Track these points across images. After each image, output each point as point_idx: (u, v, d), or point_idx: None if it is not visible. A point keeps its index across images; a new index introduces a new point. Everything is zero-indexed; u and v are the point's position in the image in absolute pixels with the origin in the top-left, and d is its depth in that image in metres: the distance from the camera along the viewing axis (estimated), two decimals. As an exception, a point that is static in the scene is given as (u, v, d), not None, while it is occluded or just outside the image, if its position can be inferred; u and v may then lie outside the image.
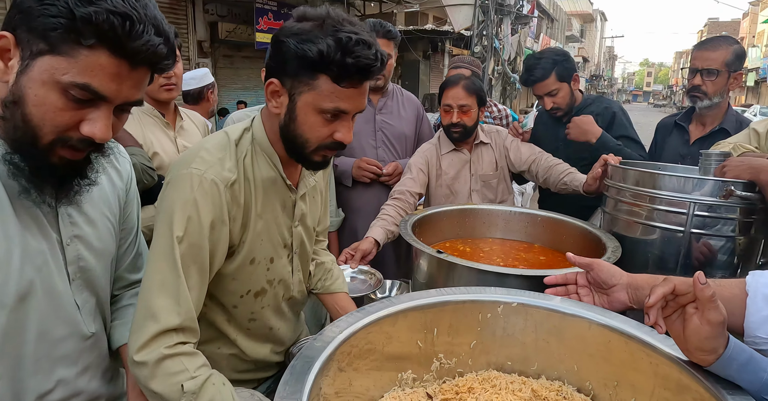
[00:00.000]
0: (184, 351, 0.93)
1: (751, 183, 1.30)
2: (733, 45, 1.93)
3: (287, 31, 0.98)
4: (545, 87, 2.17)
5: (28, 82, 0.71)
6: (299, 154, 1.06)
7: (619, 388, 0.88)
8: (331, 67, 0.94)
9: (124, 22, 0.70)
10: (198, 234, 0.97)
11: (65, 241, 0.88)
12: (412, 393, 0.93)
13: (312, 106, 0.99)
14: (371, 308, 0.89)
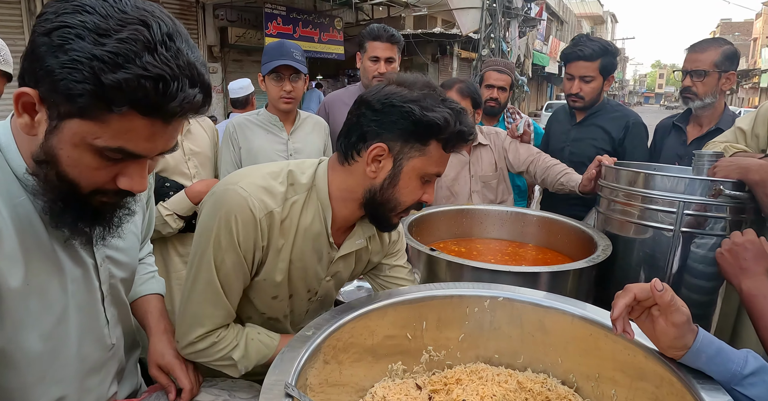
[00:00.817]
0: (224, 335, 1.03)
1: (740, 182, 1.33)
2: (723, 46, 1.95)
3: (403, 98, 0.96)
4: (584, 68, 2.13)
5: (59, 143, 0.69)
6: (383, 216, 1.05)
7: (600, 380, 0.92)
8: (447, 135, 0.97)
9: (156, 85, 0.64)
10: (234, 248, 0.97)
11: (99, 263, 0.89)
12: (402, 384, 0.97)
13: (419, 171, 1.00)
14: (366, 300, 0.93)
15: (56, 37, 0.63)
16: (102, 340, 0.95)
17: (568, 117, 2.36)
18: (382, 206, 1.03)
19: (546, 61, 22.44)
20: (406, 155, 0.99)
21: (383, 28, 2.33)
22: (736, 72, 2.03)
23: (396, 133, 0.97)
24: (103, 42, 0.63)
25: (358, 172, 1.03)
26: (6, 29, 6.31)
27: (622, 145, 2.20)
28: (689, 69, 2.00)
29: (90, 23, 0.63)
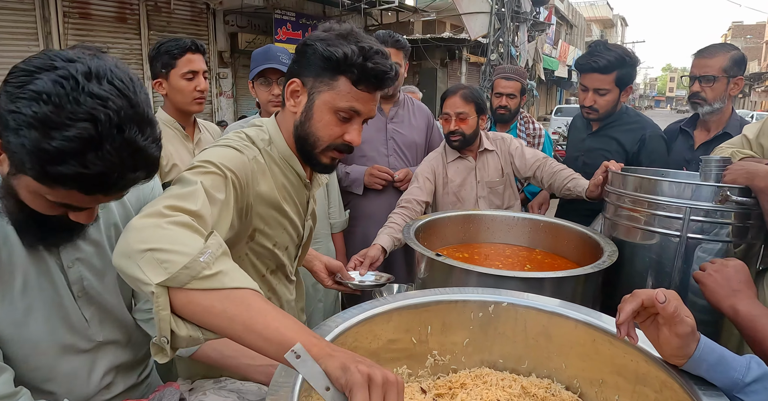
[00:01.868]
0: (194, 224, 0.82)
1: (747, 188, 1.32)
2: (730, 52, 1.95)
3: (315, 37, 1.09)
4: (599, 81, 2.04)
5: (17, 186, 0.79)
6: (309, 153, 1.14)
7: (603, 386, 0.92)
8: (352, 70, 1.04)
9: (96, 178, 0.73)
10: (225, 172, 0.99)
11: (67, 265, 0.96)
12: (407, 387, 0.98)
13: (329, 104, 1.08)
14: (366, 305, 0.95)
15: (11, 120, 0.70)
16: (86, 337, 1.01)
17: (585, 125, 2.31)
18: (305, 140, 1.12)
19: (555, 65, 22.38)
20: (317, 89, 1.09)
21: (389, 34, 2.36)
22: (743, 77, 2.02)
23: (309, 70, 1.09)
24: (52, 136, 0.68)
25: (288, 110, 1.15)
26: (20, 35, 6.43)
27: (637, 158, 2.10)
28: (698, 74, 1.99)
29: (41, 115, 0.68)
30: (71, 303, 0.98)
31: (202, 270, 0.71)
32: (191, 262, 0.71)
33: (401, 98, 2.53)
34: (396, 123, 2.49)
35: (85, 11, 7.04)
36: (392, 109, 2.50)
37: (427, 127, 2.60)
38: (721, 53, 1.97)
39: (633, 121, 2.19)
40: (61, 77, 0.70)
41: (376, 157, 2.44)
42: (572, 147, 2.35)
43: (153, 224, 0.76)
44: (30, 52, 6.47)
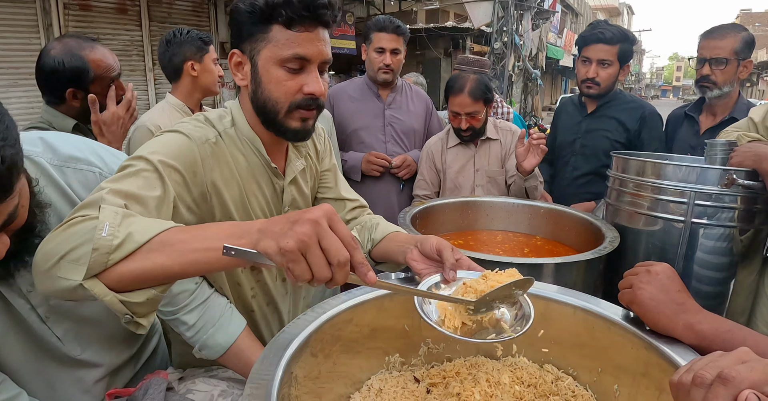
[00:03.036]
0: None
1: (753, 171, 1.28)
2: (741, 32, 1.89)
3: (237, 1, 0.99)
4: (603, 52, 2.07)
5: None
6: (274, 121, 1.03)
7: (603, 374, 0.89)
8: (279, 12, 0.94)
9: None
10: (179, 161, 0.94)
11: (26, 289, 0.90)
12: (400, 376, 0.95)
13: (272, 59, 0.98)
14: (357, 291, 0.91)
15: None
16: (62, 354, 0.99)
17: (578, 108, 2.31)
18: (264, 108, 1.02)
19: (560, 54, 22.13)
20: (255, 50, 0.99)
21: (389, 19, 2.31)
22: (752, 59, 1.96)
23: (241, 36, 0.99)
24: None
25: (242, 91, 1.06)
26: (21, 28, 6.40)
27: (638, 136, 2.14)
28: (708, 56, 1.93)
29: None
30: (39, 325, 0.94)
31: (111, 242, 0.69)
32: (96, 242, 0.68)
33: (399, 84, 2.49)
34: (394, 109, 2.45)
35: (85, 3, 6.99)
36: (390, 95, 2.46)
37: (426, 113, 2.56)
38: (731, 34, 1.90)
39: (630, 100, 2.22)
40: None
41: (374, 144, 2.41)
42: (566, 130, 2.31)
43: (49, 241, 0.73)
44: (31, 44, 6.45)
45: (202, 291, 1.08)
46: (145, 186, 0.86)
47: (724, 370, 0.50)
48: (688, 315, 0.77)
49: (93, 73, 1.51)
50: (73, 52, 1.49)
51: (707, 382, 0.51)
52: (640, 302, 0.81)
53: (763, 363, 0.51)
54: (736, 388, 0.48)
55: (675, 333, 0.77)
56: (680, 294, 0.80)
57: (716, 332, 0.74)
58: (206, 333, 1.06)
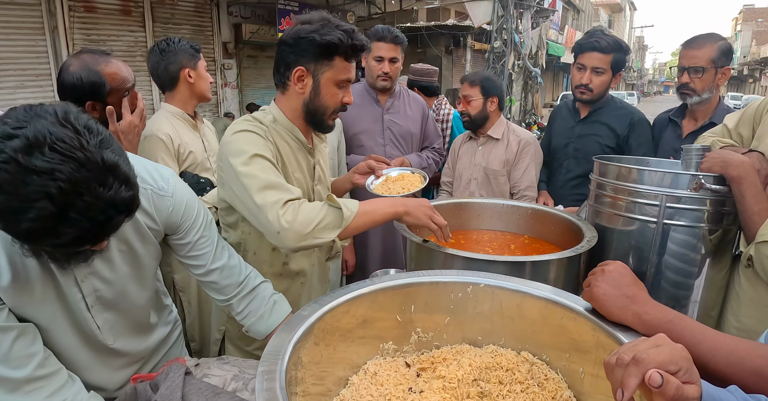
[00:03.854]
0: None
1: (722, 176, 1.39)
2: (718, 42, 1.99)
3: (306, 31, 1.37)
4: (597, 60, 2.19)
5: None
6: (319, 120, 1.47)
7: (570, 359, 1.00)
8: (345, 50, 1.38)
9: (75, 243, 0.82)
10: (265, 149, 1.35)
11: (81, 279, 1.06)
12: (393, 362, 1.07)
13: (332, 80, 1.41)
14: (353, 286, 1.03)
15: None
16: (98, 341, 1.13)
17: (572, 113, 2.42)
18: (315, 112, 1.45)
19: (562, 51, 22.17)
20: (320, 71, 1.40)
21: (387, 30, 2.42)
22: (730, 67, 2.07)
23: (308, 57, 1.38)
24: (18, 220, 0.72)
25: (292, 94, 1.45)
26: (27, 30, 6.52)
27: (627, 142, 2.26)
28: (686, 65, 2.05)
29: (2, 205, 0.72)
30: (84, 313, 1.09)
31: (349, 215, 1.28)
32: (345, 215, 1.28)
33: (397, 90, 2.60)
34: (392, 114, 2.57)
35: (90, 5, 7.11)
36: (388, 101, 2.57)
37: (422, 117, 2.67)
38: (708, 44, 2.01)
39: (620, 107, 2.34)
40: (3, 162, 0.71)
41: (373, 147, 2.52)
42: (560, 135, 2.44)
43: (296, 214, 1.25)
44: (37, 46, 6.58)
45: (248, 283, 1.34)
46: (268, 170, 1.32)
47: (637, 353, 0.61)
48: (637, 306, 0.88)
49: (109, 86, 1.61)
50: (89, 67, 1.59)
51: (625, 363, 0.62)
52: (596, 297, 0.92)
53: (671, 347, 0.63)
54: (645, 368, 0.60)
55: (627, 323, 0.88)
56: (630, 288, 0.91)
57: (660, 322, 0.84)
58: (250, 321, 1.32)
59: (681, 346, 0.64)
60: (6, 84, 6.36)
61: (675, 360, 0.61)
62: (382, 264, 2.50)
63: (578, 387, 0.98)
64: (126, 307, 1.18)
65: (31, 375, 0.96)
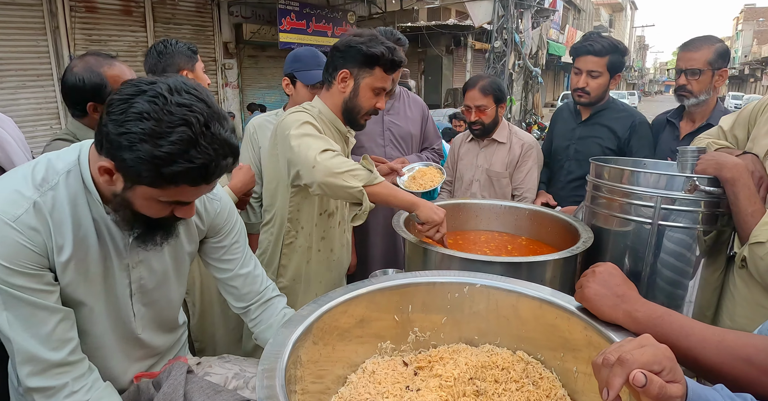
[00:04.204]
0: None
1: (716, 178, 1.40)
2: (715, 44, 2.01)
3: (356, 41, 1.64)
4: (592, 63, 2.21)
5: (132, 197, 0.95)
6: (354, 118, 1.73)
7: (564, 359, 1.03)
8: (386, 62, 1.64)
9: (201, 170, 0.89)
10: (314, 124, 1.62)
11: (131, 265, 1.12)
12: (391, 360, 1.09)
13: (370, 86, 1.67)
14: (352, 286, 1.05)
15: (125, 140, 0.86)
16: (129, 329, 1.17)
17: (573, 115, 2.43)
18: (353, 110, 1.70)
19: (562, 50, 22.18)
20: (361, 76, 1.67)
21: (390, 32, 2.44)
22: (727, 69, 2.08)
23: (353, 63, 1.65)
24: (160, 144, 0.85)
25: (335, 91, 1.71)
26: (28, 30, 6.54)
27: (628, 144, 2.26)
28: (684, 67, 2.06)
29: (148, 130, 0.85)
30: (126, 300, 1.14)
31: (375, 176, 1.47)
32: (373, 173, 1.47)
33: (397, 91, 2.62)
34: (392, 115, 2.58)
35: (91, 5, 7.13)
36: (388, 102, 2.58)
37: (422, 118, 2.69)
38: (705, 46, 2.03)
39: (622, 110, 2.34)
40: (152, 97, 0.86)
41: (373, 148, 2.54)
42: (561, 136, 2.45)
43: (332, 157, 1.46)
44: (39, 47, 6.59)
45: (266, 294, 1.38)
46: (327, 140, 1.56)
47: (622, 354, 0.64)
48: (627, 305, 0.89)
49: (111, 88, 1.62)
50: (92, 69, 1.61)
51: (611, 363, 0.64)
52: (587, 298, 0.94)
53: (654, 347, 0.65)
54: (629, 368, 0.62)
55: (618, 322, 0.90)
56: (620, 287, 0.93)
57: (649, 318, 0.86)
58: (259, 329, 1.36)
59: (665, 346, 0.67)
60: (7, 84, 6.38)
61: (658, 360, 0.63)
62: (383, 264, 2.52)
63: (572, 385, 1.00)
64: (161, 300, 1.22)
65: (64, 359, 1.00)
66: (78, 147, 1.04)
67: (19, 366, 0.97)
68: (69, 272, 1.01)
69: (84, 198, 1.01)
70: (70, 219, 1.00)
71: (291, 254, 1.83)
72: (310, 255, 1.84)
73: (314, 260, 1.85)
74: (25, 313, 0.96)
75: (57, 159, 1.02)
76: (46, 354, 0.97)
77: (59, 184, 0.99)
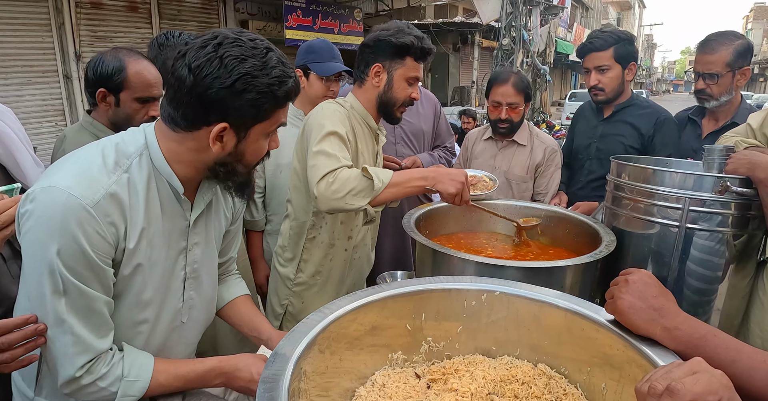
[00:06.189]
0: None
1: (747, 178, 1.32)
2: (734, 42, 1.91)
3: (384, 35, 1.64)
4: (597, 59, 2.14)
5: (246, 146, 1.02)
6: (390, 111, 1.71)
7: (591, 374, 0.95)
8: (415, 51, 1.64)
9: (294, 84, 1.01)
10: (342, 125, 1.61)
11: (189, 247, 1.12)
12: (402, 372, 1.01)
13: (403, 76, 1.66)
14: (362, 293, 0.98)
15: (240, 84, 0.93)
16: (177, 317, 1.14)
17: (595, 113, 2.33)
18: (389, 103, 1.70)
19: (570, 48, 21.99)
20: (393, 68, 1.66)
21: (406, 26, 2.36)
22: (750, 66, 1.98)
23: (384, 56, 1.65)
24: (268, 72, 0.95)
25: (369, 87, 1.71)
26: (34, 26, 6.51)
27: (652, 142, 2.15)
28: (701, 71, 1.96)
29: (254, 66, 0.94)
30: (179, 284, 1.12)
31: (380, 186, 1.43)
32: (375, 186, 1.42)
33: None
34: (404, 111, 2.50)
35: (96, 1, 7.09)
36: (398, 99, 2.51)
37: (434, 115, 2.61)
38: (723, 48, 1.92)
39: (646, 106, 2.23)
40: (231, 42, 0.94)
41: (384, 145, 2.46)
42: (582, 134, 2.35)
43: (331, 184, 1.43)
44: (44, 42, 6.56)
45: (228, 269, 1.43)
46: (344, 149, 1.55)
47: (672, 383, 0.56)
48: (666, 320, 0.81)
49: (127, 79, 1.56)
50: (118, 56, 1.56)
51: (658, 393, 0.56)
52: (621, 311, 0.86)
53: (708, 374, 0.57)
54: (681, 400, 0.54)
55: (655, 337, 0.82)
56: (657, 300, 0.84)
57: (691, 338, 0.78)
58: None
59: (720, 373, 0.59)
60: (12, 80, 6.35)
61: (714, 389, 0.56)
62: (392, 266, 2.44)
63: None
64: (207, 286, 1.21)
65: (109, 346, 1.00)
66: (141, 131, 1.04)
67: (72, 354, 0.95)
68: (137, 257, 1.00)
69: (154, 182, 1.02)
70: (143, 203, 1.00)
71: (313, 249, 1.80)
72: (334, 253, 1.82)
73: (337, 258, 1.82)
74: (81, 304, 0.94)
75: (124, 142, 1.02)
76: (97, 343, 0.97)
77: (132, 168, 0.99)
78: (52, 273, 0.89)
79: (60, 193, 0.89)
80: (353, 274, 1.93)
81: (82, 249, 0.90)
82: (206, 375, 1.08)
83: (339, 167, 1.47)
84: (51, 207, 0.88)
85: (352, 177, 1.45)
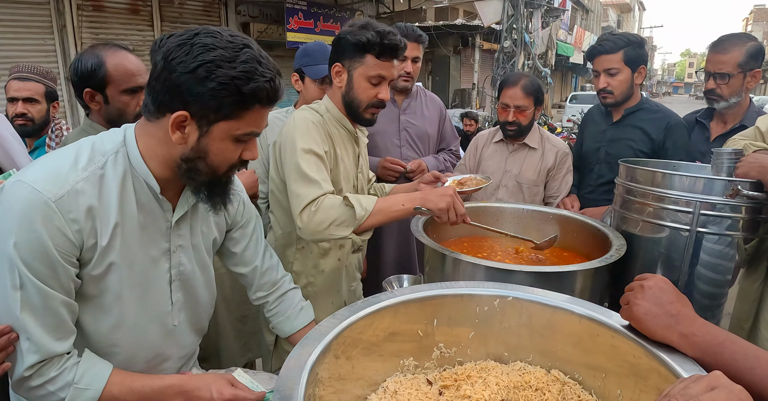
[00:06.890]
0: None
1: (758, 182, 1.31)
2: (746, 44, 1.90)
3: (344, 32, 1.54)
4: (607, 62, 2.12)
5: (209, 142, 0.97)
6: (356, 112, 1.61)
7: (607, 380, 0.93)
8: (374, 48, 1.50)
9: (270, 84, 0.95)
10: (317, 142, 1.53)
11: (173, 249, 1.10)
12: (413, 379, 1.00)
13: (363, 75, 1.54)
14: (373, 299, 0.97)
15: (202, 71, 0.89)
16: (167, 320, 1.12)
17: (604, 116, 2.31)
18: (351, 103, 1.60)
19: (570, 51, 22.01)
20: (352, 67, 1.56)
21: (411, 28, 2.34)
22: (761, 68, 1.98)
23: (344, 55, 1.56)
24: (234, 65, 0.91)
25: (335, 87, 1.61)
26: (36, 29, 6.51)
27: (663, 146, 2.13)
28: (712, 71, 1.95)
29: (221, 56, 0.90)
30: (165, 286, 1.10)
31: (362, 215, 1.40)
32: (357, 215, 1.39)
33: (414, 90, 2.53)
34: (409, 114, 2.50)
35: (98, 3, 7.09)
36: (405, 101, 2.50)
37: (440, 118, 2.60)
38: (735, 48, 1.92)
39: (656, 110, 2.21)
40: (208, 33, 0.92)
41: (389, 148, 2.45)
42: (591, 138, 2.33)
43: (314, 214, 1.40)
44: (46, 45, 6.56)
45: (283, 286, 1.43)
46: (323, 170, 1.50)
47: (690, 400, 0.54)
48: (683, 326, 0.80)
49: (108, 73, 1.51)
50: (95, 52, 1.52)
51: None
52: (637, 317, 0.84)
53: (727, 390, 0.56)
54: None
55: (672, 344, 0.81)
56: (674, 306, 0.83)
57: (708, 345, 0.76)
58: (277, 320, 1.42)
59: (739, 388, 0.57)
60: (15, 82, 6.34)
61: None
62: (396, 270, 2.43)
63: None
64: (198, 289, 1.19)
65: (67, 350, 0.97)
66: (122, 129, 1.03)
67: (23, 351, 0.93)
68: (110, 255, 0.98)
69: (130, 180, 1.00)
70: (116, 200, 0.98)
71: (303, 259, 1.72)
72: (326, 262, 1.74)
73: (329, 266, 1.75)
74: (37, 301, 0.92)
75: (102, 141, 1.01)
76: (51, 345, 0.94)
77: (107, 165, 0.98)
78: (11, 266, 0.89)
79: (24, 187, 0.89)
80: (348, 280, 1.85)
81: (41, 243, 0.89)
82: (164, 392, 1.04)
83: (321, 195, 1.43)
84: (14, 200, 0.88)
85: (335, 206, 1.41)
